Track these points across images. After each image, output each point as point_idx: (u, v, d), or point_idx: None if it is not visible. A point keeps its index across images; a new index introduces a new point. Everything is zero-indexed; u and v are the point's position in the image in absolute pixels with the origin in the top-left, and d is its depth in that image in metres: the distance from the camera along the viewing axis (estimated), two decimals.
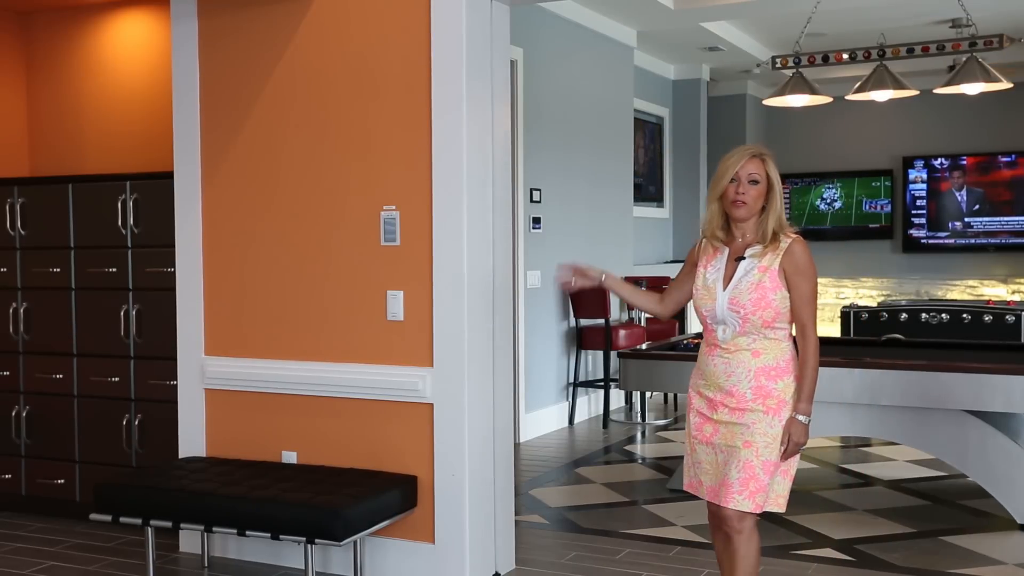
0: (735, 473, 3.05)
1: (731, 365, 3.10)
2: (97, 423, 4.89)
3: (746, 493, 3.04)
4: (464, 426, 3.93)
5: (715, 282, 3.14)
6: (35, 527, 4.90)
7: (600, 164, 8.00)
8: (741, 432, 3.07)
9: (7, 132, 5.38)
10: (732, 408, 3.09)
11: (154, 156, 5.10)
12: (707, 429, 3.16)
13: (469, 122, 3.93)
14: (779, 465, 3.08)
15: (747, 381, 3.08)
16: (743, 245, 3.14)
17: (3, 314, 5.08)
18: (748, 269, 3.09)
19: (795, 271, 3.07)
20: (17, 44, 5.42)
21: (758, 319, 3.06)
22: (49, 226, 4.97)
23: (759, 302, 3.05)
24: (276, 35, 4.28)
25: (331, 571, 4.16)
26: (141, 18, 5.20)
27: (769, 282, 3.06)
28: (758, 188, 3.09)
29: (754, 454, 3.05)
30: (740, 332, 3.09)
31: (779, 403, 3.08)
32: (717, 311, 3.11)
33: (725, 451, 3.10)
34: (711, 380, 3.16)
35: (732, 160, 3.11)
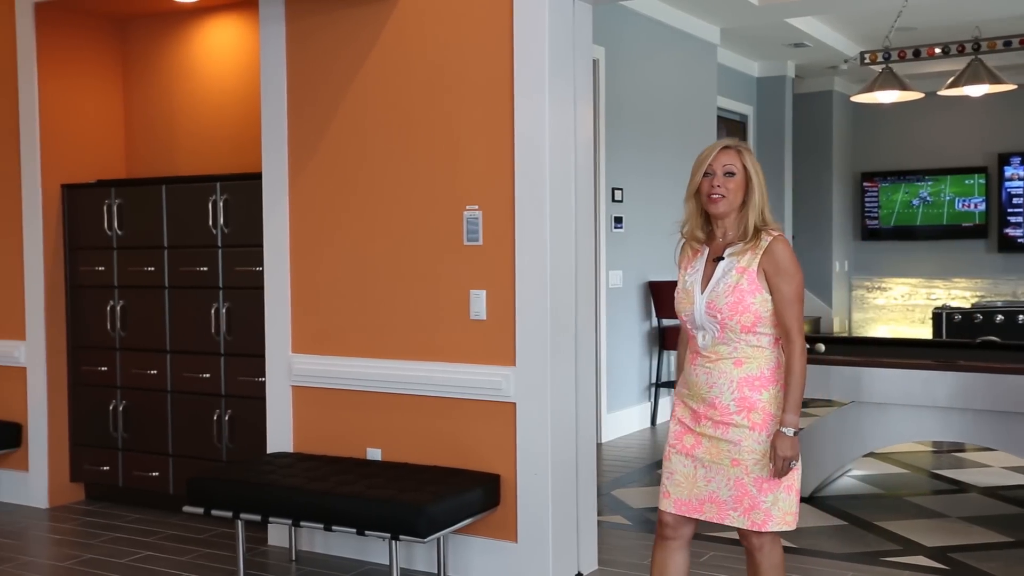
0: (725, 491, 2.90)
1: (712, 375, 2.91)
2: (189, 418, 5.03)
3: (740, 510, 2.89)
4: (547, 425, 3.94)
5: (693, 285, 2.97)
6: (131, 518, 5.06)
7: (682, 163, 7.88)
8: (728, 449, 2.89)
9: (106, 136, 5.57)
10: (716, 421, 2.90)
11: (243, 157, 5.22)
12: (688, 440, 2.98)
13: (551, 122, 3.93)
14: (778, 482, 2.88)
15: (729, 392, 2.89)
16: (723, 244, 2.96)
17: (101, 312, 5.25)
18: (726, 270, 2.90)
19: (776, 272, 2.86)
20: (115, 51, 5.60)
21: (736, 324, 2.86)
22: (144, 226, 5.13)
23: (736, 306, 2.85)
24: (360, 37, 4.34)
25: (415, 567, 4.20)
26: (231, 23, 5.33)
27: (747, 284, 2.86)
28: (735, 180, 2.90)
29: (744, 472, 2.88)
30: (719, 339, 2.89)
31: (765, 417, 2.87)
32: (696, 316, 2.92)
33: (708, 467, 2.93)
34: (694, 391, 2.97)
35: (705, 153, 2.95)
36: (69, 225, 5.32)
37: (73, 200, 5.31)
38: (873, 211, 11.30)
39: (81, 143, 5.44)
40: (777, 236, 2.89)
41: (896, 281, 11.47)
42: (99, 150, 5.53)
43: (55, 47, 5.30)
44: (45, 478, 5.30)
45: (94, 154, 5.50)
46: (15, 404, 5.40)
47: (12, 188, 5.36)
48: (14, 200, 5.36)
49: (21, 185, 5.32)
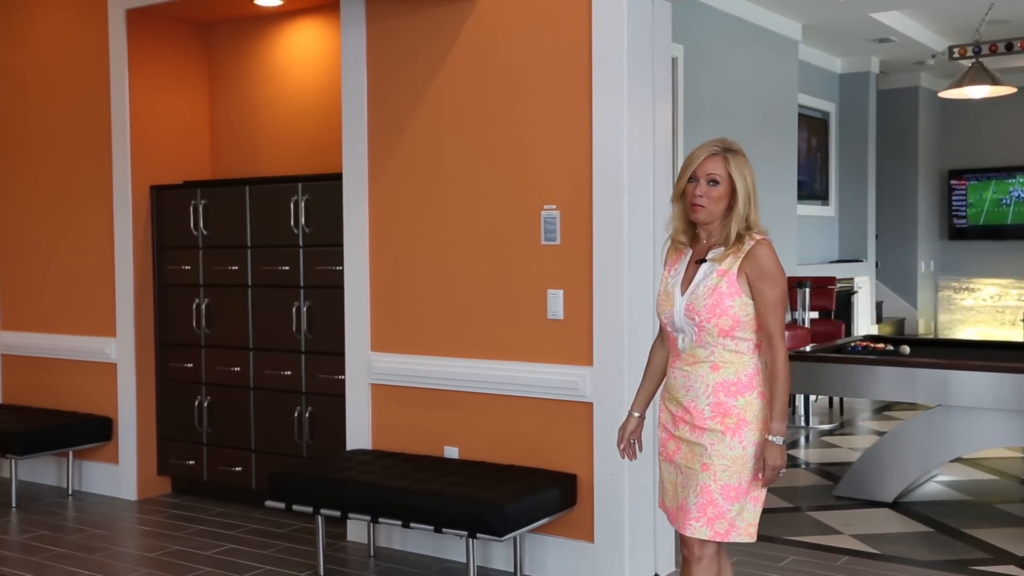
0: (692, 498, 2.82)
1: (690, 379, 2.85)
2: (271, 414, 5.12)
3: (703, 520, 2.79)
4: None
5: (674, 287, 2.90)
6: (215, 511, 5.18)
7: (762, 161, 7.81)
8: (699, 453, 2.82)
9: (192, 138, 5.71)
10: (692, 426, 2.84)
11: (324, 158, 5.31)
12: (670, 446, 2.92)
13: (629, 121, 3.91)
14: (745, 491, 2.80)
15: (705, 397, 2.82)
16: (706, 247, 2.88)
17: (187, 309, 5.39)
18: (707, 273, 2.83)
19: (758, 275, 2.78)
20: (201, 55, 5.74)
21: (713, 327, 2.79)
22: (228, 226, 5.24)
23: (714, 308, 2.78)
24: (439, 37, 4.37)
25: (492, 566, 4.22)
26: (313, 26, 5.42)
27: (726, 287, 2.79)
28: (719, 190, 2.81)
29: (711, 478, 2.79)
30: (697, 342, 2.83)
31: (739, 422, 2.79)
32: (675, 318, 2.86)
33: (685, 472, 2.87)
34: (671, 394, 2.92)
35: (691, 158, 2.85)
36: (157, 225, 5.47)
37: (161, 201, 5.46)
38: (961, 210, 10.99)
39: (169, 145, 5.59)
40: (760, 240, 2.82)
41: (985, 282, 11.14)
42: (186, 152, 5.67)
43: (145, 53, 5.45)
44: (134, 471, 5.45)
45: (181, 156, 5.64)
46: (106, 399, 5.57)
47: (104, 189, 5.53)
48: (105, 201, 5.53)
49: (112, 186, 5.48)
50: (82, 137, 5.63)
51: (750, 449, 2.80)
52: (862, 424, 7.49)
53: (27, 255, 5.96)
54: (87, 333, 5.66)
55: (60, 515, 5.19)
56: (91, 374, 5.63)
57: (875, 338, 6.15)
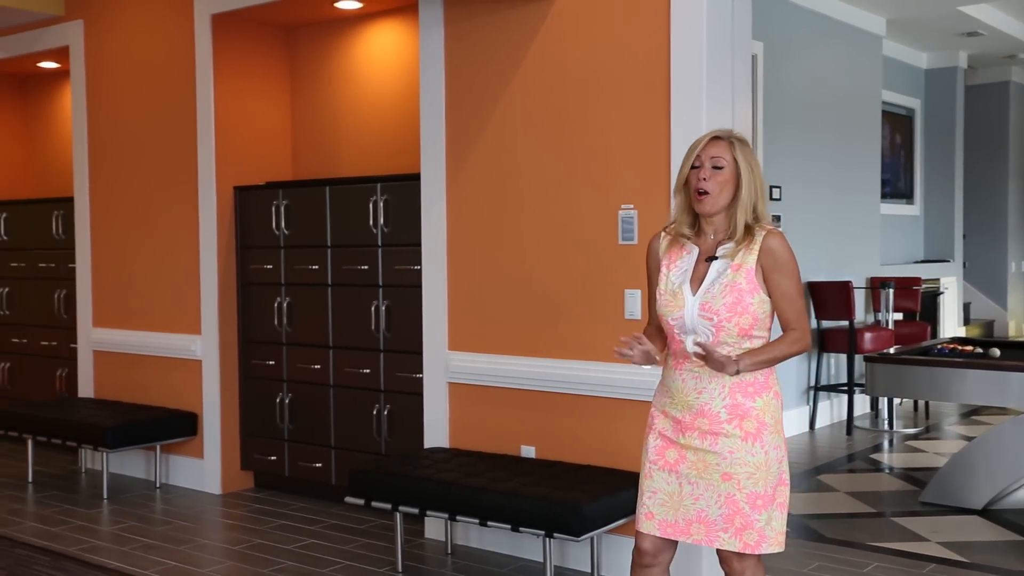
0: (716, 509, 2.69)
1: (702, 380, 2.71)
2: (350, 412, 5.20)
3: (731, 531, 2.68)
4: None
5: (682, 285, 2.74)
6: (296, 506, 5.27)
7: (845, 159, 7.66)
8: (717, 463, 2.68)
9: (274, 139, 5.82)
10: (704, 431, 2.70)
11: (403, 159, 5.36)
12: (671, 455, 2.77)
13: (708, 120, 3.86)
14: (772, 498, 2.69)
15: (720, 398, 2.69)
16: (714, 243, 2.75)
17: (269, 308, 5.50)
18: (721, 270, 2.69)
19: (774, 267, 2.67)
20: (283, 58, 5.85)
21: (734, 327, 2.66)
22: (309, 226, 5.33)
23: (735, 307, 2.66)
24: (517, 37, 4.38)
25: (568, 566, 4.21)
26: (392, 28, 5.48)
27: (745, 283, 2.67)
28: (723, 175, 2.68)
29: (736, 487, 2.67)
30: (713, 342, 2.67)
31: (759, 426, 2.68)
32: (686, 319, 2.70)
33: (695, 483, 2.72)
34: (679, 398, 2.76)
35: (694, 143, 2.74)
36: (240, 225, 5.59)
37: (244, 201, 5.58)
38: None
39: (252, 147, 5.70)
40: (772, 230, 2.71)
41: None
42: (268, 153, 5.79)
43: (229, 56, 5.58)
44: (218, 466, 5.58)
45: (264, 157, 5.76)
46: (192, 395, 5.72)
47: (189, 190, 5.68)
48: (191, 201, 5.67)
49: (198, 187, 5.62)
50: (169, 140, 5.79)
51: (772, 453, 2.71)
52: (949, 428, 7.29)
53: (118, 254, 6.15)
54: (174, 330, 5.81)
55: (148, 507, 5.34)
56: (177, 370, 5.79)
57: (963, 340, 5.98)
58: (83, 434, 5.47)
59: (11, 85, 7.45)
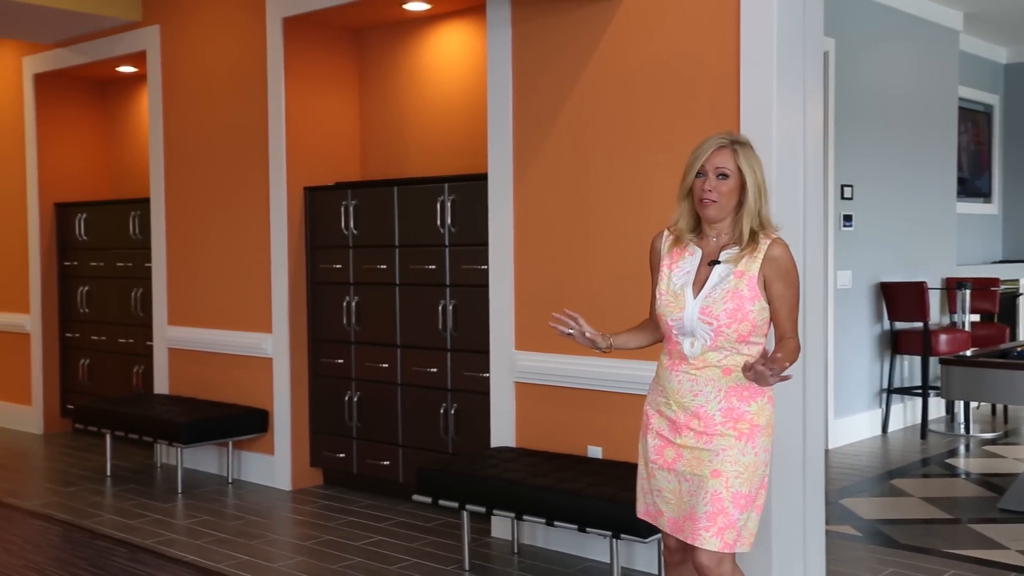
0: (702, 507, 2.69)
1: (698, 383, 2.73)
2: (417, 410, 5.24)
3: (714, 530, 2.66)
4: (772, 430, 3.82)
5: (684, 287, 2.76)
6: (364, 503, 5.33)
7: (919, 157, 7.49)
8: (709, 459, 2.70)
9: (344, 140, 5.89)
10: (699, 432, 2.72)
11: (470, 159, 5.39)
12: (668, 453, 2.79)
13: (779, 118, 3.81)
14: (753, 499, 2.71)
15: (716, 401, 2.71)
16: (717, 247, 2.77)
17: (338, 307, 5.57)
18: (723, 275, 2.72)
19: (777, 276, 2.70)
20: (352, 59, 5.92)
21: (733, 332, 2.68)
22: (377, 226, 5.38)
23: (735, 313, 2.67)
24: (584, 38, 4.37)
25: (635, 567, 4.19)
26: (459, 29, 5.51)
27: (747, 290, 2.68)
28: (728, 184, 2.70)
29: (723, 485, 2.67)
30: (711, 346, 2.70)
31: (752, 428, 2.70)
32: (686, 321, 2.72)
33: (691, 480, 2.74)
34: (674, 399, 2.77)
35: (699, 152, 2.73)
36: (310, 225, 5.67)
37: (314, 201, 5.65)
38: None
39: (321, 148, 5.78)
40: (777, 239, 2.73)
41: None
42: (337, 154, 5.86)
43: (300, 58, 5.66)
44: (288, 462, 5.67)
45: (333, 158, 5.83)
46: (263, 392, 5.82)
47: (261, 191, 5.78)
48: (262, 202, 5.77)
49: (269, 188, 5.72)
50: (242, 141, 5.89)
51: (762, 456, 2.74)
52: None
53: (192, 254, 6.28)
54: (245, 329, 5.92)
55: (221, 502, 5.45)
56: (249, 368, 5.89)
57: None
58: (159, 430, 5.60)
59: (91, 90, 7.66)
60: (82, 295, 7.30)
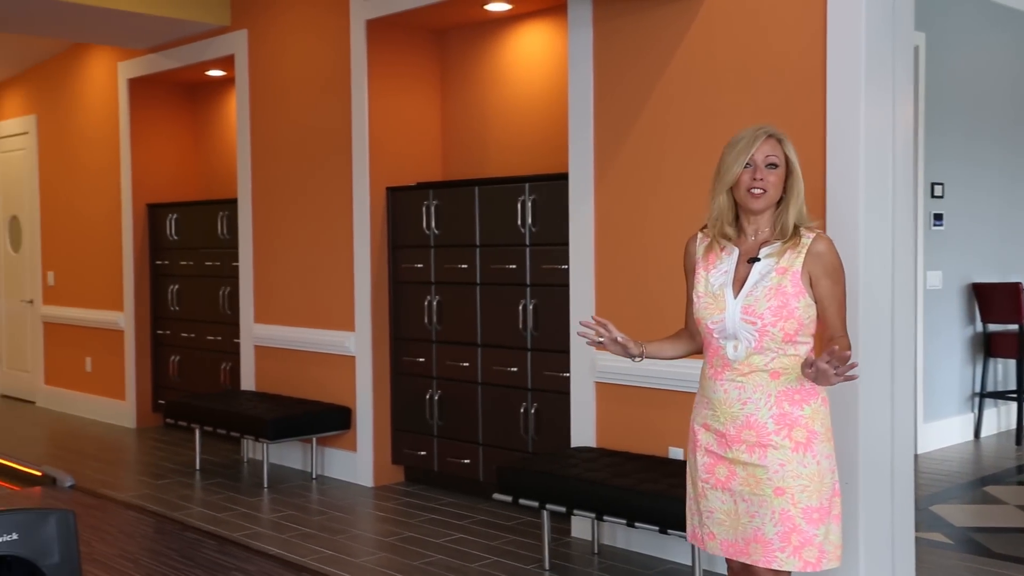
0: (771, 527, 2.55)
1: (746, 390, 2.60)
2: (498, 409, 5.26)
3: (789, 550, 2.53)
4: (858, 434, 3.74)
5: (723, 287, 2.64)
6: (445, 501, 5.38)
7: (1014, 154, 7.24)
8: (768, 477, 2.56)
9: (425, 141, 5.95)
10: (751, 444, 2.58)
11: (550, 159, 5.39)
12: (720, 471, 2.65)
13: (867, 115, 3.73)
14: (827, 511, 2.57)
15: (767, 408, 2.57)
16: (756, 243, 2.66)
17: (419, 306, 5.62)
18: (764, 272, 2.60)
19: (823, 272, 2.59)
20: (433, 60, 5.97)
21: (779, 332, 2.56)
22: (458, 226, 5.42)
23: (780, 311, 2.56)
24: (666, 37, 4.34)
25: (718, 570, 4.14)
26: (540, 29, 5.52)
27: (791, 286, 2.57)
28: (777, 173, 2.62)
29: (790, 502, 2.54)
30: (756, 349, 2.58)
31: (809, 435, 2.57)
32: (727, 323, 2.61)
33: (749, 500, 2.59)
34: (722, 410, 2.64)
35: (744, 143, 2.63)
36: (392, 225, 5.74)
37: (396, 201, 5.72)
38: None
39: (403, 148, 5.85)
40: (820, 233, 2.65)
41: None
42: (419, 154, 5.92)
43: (383, 60, 5.73)
44: (370, 459, 5.75)
45: (415, 158, 5.89)
46: (345, 390, 5.91)
47: (344, 191, 5.87)
48: (346, 202, 5.86)
49: (352, 188, 5.80)
50: (326, 143, 5.99)
51: (825, 463, 2.60)
52: None
53: (277, 254, 6.41)
54: (329, 327, 6.02)
55: (305, 497, 5.55)
56: (332, 366, 5.99)
57: None
58: (246, 425, 5.73)
59: (181, 94, 7.87)
60: (172, 293, 7.51)
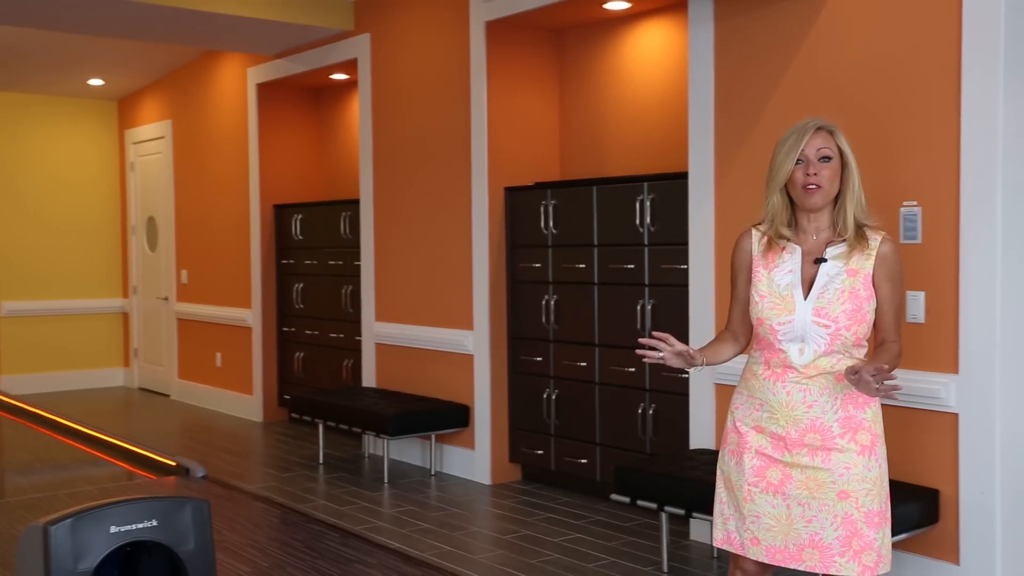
0: (830, 532, 2.53)
1: (811, 392, 2.56)
2: (615, 409, 5.24)
3: (849, 554, 2.51)
4: (995, 439, 3.60)
5: (790, 288, 2.59)
6: (562, 500, 5.39)
7: None
8: (832, 480, 2.54)
9: (544, 141, 5.97)
10: (815, 448, 2.55)
11: (669, 158, 5.34)
12: (773, 475, 2.60)
13: (1006, 114, 3.58)
14: (884, 515, 2.57)
15: (833, 411, 2.55)
16: (820, 243, 2.61)
17: (537, 305, 5.65)
18: (832, 274, 2.57)
19: (887, 276, 2.57)
20: (552, 60, 5.99)
21: (851, 335, 2.54)
22: (576, 225, 5.42)
23: (854, 314, 2.53)
24: (790, 34, 4.24)
25: None
26: (660, 27, 5.47)
27: (863, 289, 2.55)
28: (831, 167, 2.57)
29: (854, 506, 2.52)
30: (826, 351, 2.55)
31: (872, 439, 2.57)
32: (796, 325, 2.55)
33: (806, 504, 2.56)
34: (782, 412, 2.58)
35: (794, 139, 2.58)
36: (510, 225, 5.78)
37: (514, 201, 5.76)
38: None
39: (522, 148, 5.88)
40: (886, 236, 2.63)
41: None
42: (537, 154, 5.95)
43: (501, 60, 5.78)
44: (488, 457, 5.81)
45: (532, 158, 5.92)
46: (464, 388, 5.98)
47: (463, 191, 5.94)
48: (464, 202, 5.93)
49: (471, 188, 5.87)
50: (445, 144, 6.08)
51: (884, 467, 2.64)
52: None
53: (397, 253, 6.53)
54: (447, 326, 6.10)
55: (424, 493, 5.65)
56: (451, 364, 6.07)
57: None
58: (367, 421, 5.86)
59: (306, 97, 8.10)
60: (297, 292, 7.73)
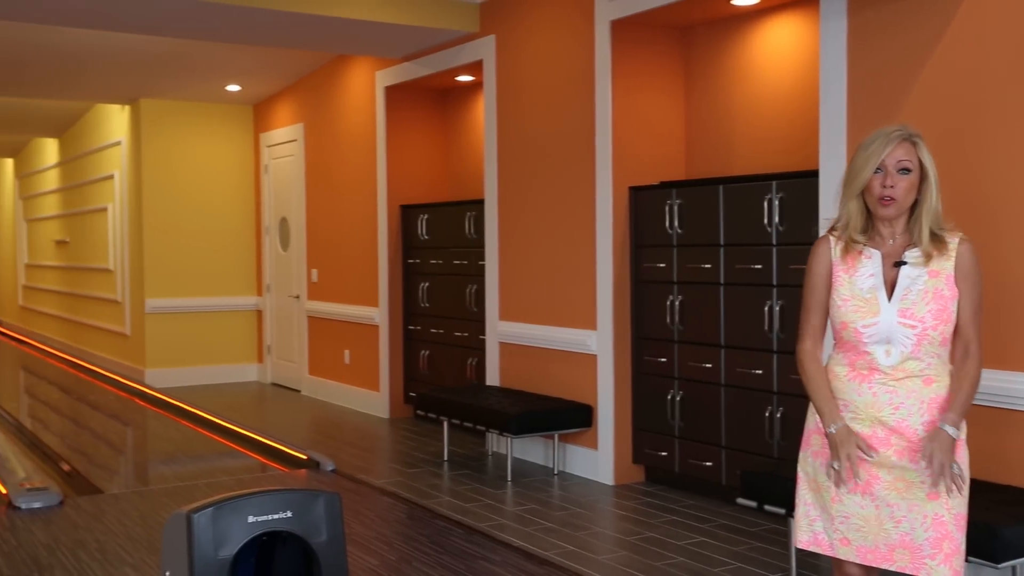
0: (920, 532, 2.55)
1: (898, 395, 2.58)
2: (741, 412, 5.15)
3: (940, 557, 2.52)
4: None
5: (873, 291, 2.60)
6: (686, 503, 5.33)
7: None
8: (922, 480, 2.54)
9: (669, 139, 5.91)
10: (901, 449, 2.57)
11: (798, 156, 5.21)
12: (860, 475, 2.59)
13: None
14: (965, 517, 2.59)
15: (919, 415, 2.57)
16: (897, 247, 2.63)
17: (661, 306, 5.60)
18: (914, 276, 2.58)
19: (964, 276, 2.58)
20: (677, 58, 5.92)
21: (938, 335, 2.56)
22: (701, 225, 5.35)
23: (940, 313, 2.56)
24: (928, 26, 4.08)
25: None
26: (789, 22, 5.34)
27: (947, 289, 2.57)
28: (909, 179, 2.56)
29: (944, 507, 2.54)
30: (912, 353, 2.56)
31: (957, 442, 2.57)
32: (882, 327, 2.57)
33: (895, 504, 2.58)
34: (868, 413, 2.60)
35: (876, 146, 2.57)
36: (634, 224, 5.74)
37: (638, 201, 5.72)
38: None
39: (646, 148, 5.84)
40: (963, 237, 2.62)
41: None
42: (662, 153, 5.89)
43: (626, 59, 5.75)
44: (611, 458, 5.78)
45: (657, 157, 5.87)
46: (587, 388, 5.97)
47: (587, 191, 5.93)
48: (588, 202, 5.92)
49: (595, 188, 5.86)
50: (569, 143, 6.08)
51: (968, 469, 2.63)
52: None
53: (522, 253, 6.57)
54: (571, 325, 6.11)
55: (547, 492, 5.67)
56: (574, 364, 6.07)
57: None
58: (490, 420, 5.92)
59: (433, 99, 8.23)
60: (423, 291, 7.87)
